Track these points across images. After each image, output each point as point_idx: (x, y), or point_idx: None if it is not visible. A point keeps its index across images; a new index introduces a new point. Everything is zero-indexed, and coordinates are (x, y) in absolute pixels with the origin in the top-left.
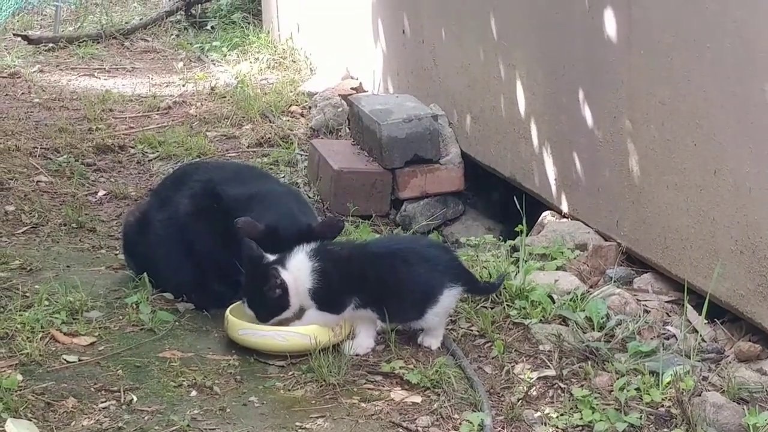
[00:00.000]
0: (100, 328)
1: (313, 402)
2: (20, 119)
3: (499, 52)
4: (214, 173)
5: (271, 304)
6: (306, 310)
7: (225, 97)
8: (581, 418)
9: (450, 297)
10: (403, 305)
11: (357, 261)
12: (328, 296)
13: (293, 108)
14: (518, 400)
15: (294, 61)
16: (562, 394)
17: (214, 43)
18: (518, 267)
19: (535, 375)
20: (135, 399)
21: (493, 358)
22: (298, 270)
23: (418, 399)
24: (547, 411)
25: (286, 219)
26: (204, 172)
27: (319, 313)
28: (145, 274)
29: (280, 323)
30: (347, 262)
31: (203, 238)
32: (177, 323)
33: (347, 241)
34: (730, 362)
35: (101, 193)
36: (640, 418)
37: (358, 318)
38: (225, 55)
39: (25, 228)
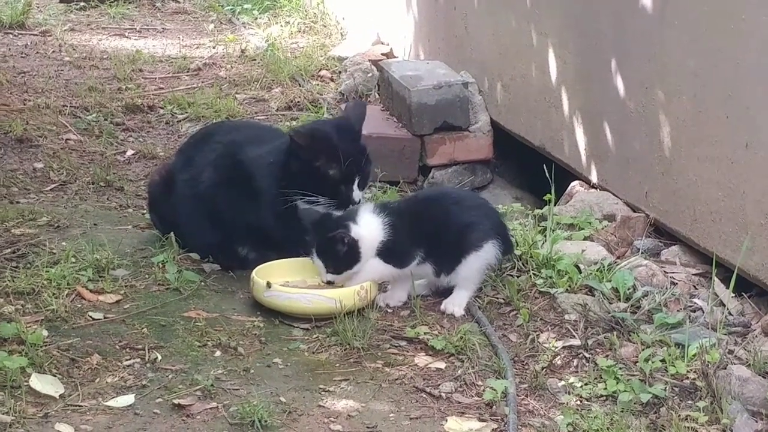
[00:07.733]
0: (126, 286)
1: (337, 365)
2: (50, 77)
3: (531, 20)
4: (236, 134)
5: (343, 259)
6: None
7: (255, 60)
8: (605, 388)
9: (491, 251)
10: (449, 245)
11: (415, 207)
12: (398, 249)
13: (323, 72)
14: (542, 369)
15: (324, 26)
16: (587, 364)
17: (245, 6)
18: (545, 236)
19: (559, 344)
20: (159, 357)
21: (518, 326)
22: (369, 225)
23: (442, 365)
24: (571, 380)
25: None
26: (226, 132)
27: (382, 265)
28: (171, 234)
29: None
30: (408, 211)
31: (227, 199)
32: (203, 283)
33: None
34: (756, 336)
35: (129, 152)
36: (665, 390)
37: (407, 275)
38: (256, 18)
39: (53, 185)
